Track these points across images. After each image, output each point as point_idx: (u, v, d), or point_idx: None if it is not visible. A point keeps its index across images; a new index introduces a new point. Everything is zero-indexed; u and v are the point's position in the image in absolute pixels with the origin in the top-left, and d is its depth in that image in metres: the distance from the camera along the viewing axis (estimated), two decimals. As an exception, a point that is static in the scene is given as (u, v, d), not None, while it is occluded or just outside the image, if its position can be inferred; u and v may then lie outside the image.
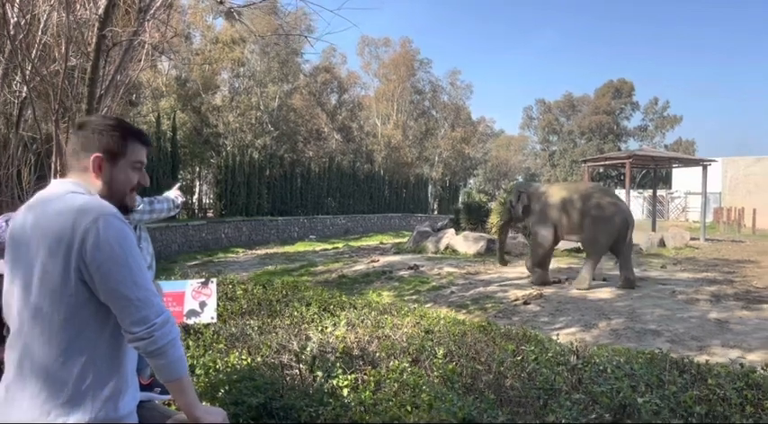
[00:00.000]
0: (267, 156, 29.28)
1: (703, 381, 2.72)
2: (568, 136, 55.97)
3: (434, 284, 11.68)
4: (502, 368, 2.67)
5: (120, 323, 1.58)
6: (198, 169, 28.23)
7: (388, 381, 2.50)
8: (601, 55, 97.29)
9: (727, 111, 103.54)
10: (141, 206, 3.29)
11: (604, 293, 10.39)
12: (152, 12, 4.63)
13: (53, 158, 4.05)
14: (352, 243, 23.13)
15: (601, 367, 2.78)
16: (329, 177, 32.45)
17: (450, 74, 47.01)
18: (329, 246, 22.11)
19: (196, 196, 27.90)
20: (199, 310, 3.38)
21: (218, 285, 3.79)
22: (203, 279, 3.55)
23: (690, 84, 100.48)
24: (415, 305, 7.17)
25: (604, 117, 53.51)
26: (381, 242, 23.39)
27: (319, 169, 32.66)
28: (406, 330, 3.43)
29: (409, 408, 2.17)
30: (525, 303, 9.72)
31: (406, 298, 10.46)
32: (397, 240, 24.01)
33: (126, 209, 1.74)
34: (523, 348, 2.97)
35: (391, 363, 2.73)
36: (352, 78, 40.03)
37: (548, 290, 10.69)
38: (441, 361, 2.79)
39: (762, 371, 2.89)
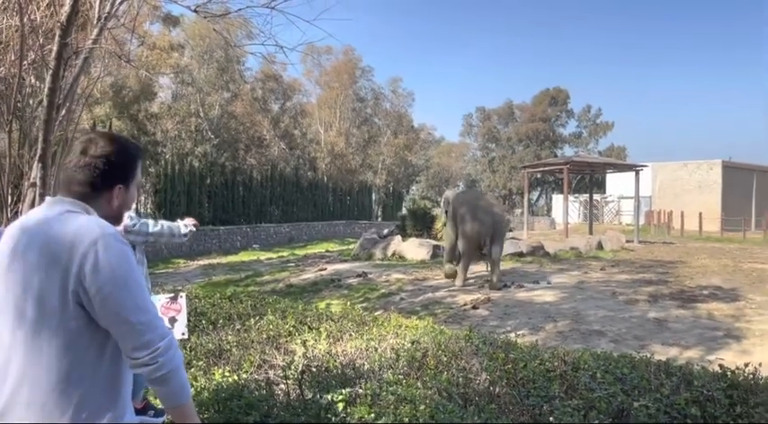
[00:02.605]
0: (208, 164, 28.70)
1: (688, 383, 2.84)
2: (507, 142, 57.29)
3: (384, 291, 11.71)
4: (495, 377, 2.70)
5: (122, 348, 1.52)
6: (135, 178, 27.34)
7: (383, 394, 2.48)
8: (536, 63, 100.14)
9: (655, 118, 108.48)
10: (137, 226, 3.15)
11: (549, 296, 10.68)
12: (112, 20, 4.47)
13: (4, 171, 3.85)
14: (298, 252, 22.90)
15: (590, 373, 2.86)
16: (272, 185, 32.07)
17: (391, 81, 47.28)
18: (274, 255, 21.81)
19: (134, 206, 27.02)
20: (169, 326, 3.25)
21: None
22: (172, 294, 3.42)
23: (619, 92, 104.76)
24: (382, 313, 7.17)
25: (541, 124, 55.08)
26: (327, 250, 23.26)
27: (262, 177, 32.22)
28: (391, 341, 3.43)
29: (410, 421, 2.16)
30: (474, 307, 9.87)
31: (356, 306, 10.44)
32: (343, 247, 23.94)
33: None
34: (512, 355, 3.02)
35: (385, 375, 2.71)
36: (296, 85, 39.75)
37: (495, 294, 10.91)
38: (433, 372, 2.79)
39: (737, 370, 3.05)
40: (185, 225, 3.43)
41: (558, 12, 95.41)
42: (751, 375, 3.01)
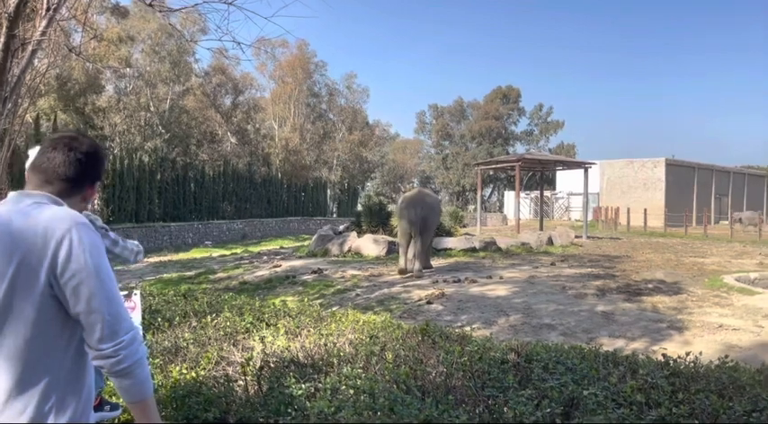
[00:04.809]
0: (158, 160, 28.07)
1: (634, 372, 2.98)
2: (460, 140, 57.99)
3: (339, 287, 11.72)
4: (451, 370, 2.77)
5: (87, 339, 1.53)
6: (82, 173, 26.49)
7: (343, 388, 2.52)
8: (488, 62, 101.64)
9: (602, 117, 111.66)
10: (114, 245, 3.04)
11: (501, 290, 10.89)
12: (63, 11, 4.32)
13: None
14: (252, 249, 22.68)
15: (542, 364, 2.97)
16: (225, 181, 31.61)
17: (346, 77, 47.24)
18: (227, 252, 21.55)
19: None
20: None
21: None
22: (126, 291, 3.34)
23: (569, 92, 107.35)
24: (338, 309, 7.18)
25: (494, 122, 55.91)
26: (282, 247, 23.11)
27: (214, 172, 31.74)
28: (349, 335, 3.46)
29: (369, 413, 2.20)
30: (428, 302, 9.98)
31: (311, 303, 10.40)
32: (298, 244, 23.82)
33: None
34: (468, 348, 3.10)
35: (344, 369, 2.75)
36: (248, 80, 39.20)
37: (449, 289, 11.05)
38: (391, 365, 2.84)
39: (679, 359, 3.22)
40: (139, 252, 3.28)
41: (511, 10, 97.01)
42: (692, 364, 3.19)
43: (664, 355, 3.36)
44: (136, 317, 3.31)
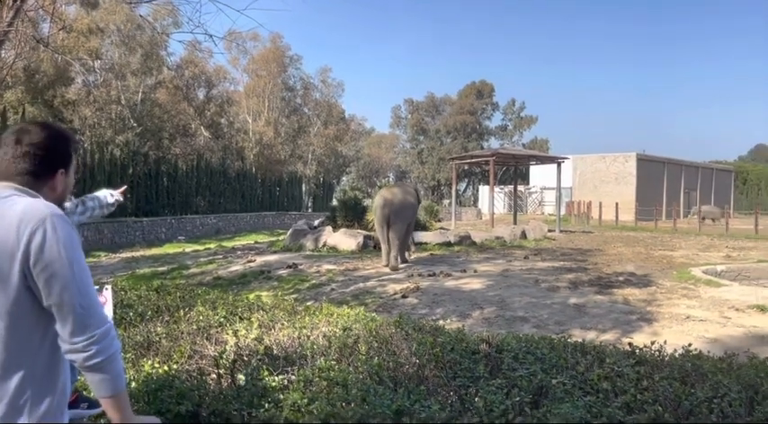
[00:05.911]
0: (130, 154, 27.65)
1: (601, 361, 3.06)
2: (435, 134, 58.19)
3: (314, 282, 11.71)
4: (424, 361, 2.82)
5: (60, 332, 1.52)
6: (51, 167, 25.98)
7: (316, 380, 2.53)
8: (463, 57, 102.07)
9: (575, 112, 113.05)
10: (69, 205, 3.05)
11: (476, 284, 10.99)
12: (30, 1, 4.22)
13: None
14: (226, 244, 22.49)
15: (513, 354, 3.04)
16: (198, 175, 31.30)
17: (321, 71, 46.94)
18: (201, 247, 21.33)
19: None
20: None
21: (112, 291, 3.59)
22: (97, 286, 3.30)
23: (543, 86, 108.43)
24: (313, 303, 7.17)
25: (468, 117, 56.23)
26: (256, 242, 22.97)
27: (187, 167, 31.39)
28: (323, 329, 3.48)
29: (342, 404, 2.22)
30: (403, 296, 10.03)
31: (286, 297, 10.38)
32: (272, 239, 23.69)
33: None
34: (440, 339, 3.15)
35: (317, 362, 2.77)
36: (221, 73, 38.74)
37: (423, 283, 11.13)
38: (364, 357, 2.87)
39: (644, 348, 3.31)
40: (111, 194, 3.38)
41: (485, 5, 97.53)
42: (657, 352, 3.29)
43: (630, 344, 3.45)
44: (107, 312, 3.28)
